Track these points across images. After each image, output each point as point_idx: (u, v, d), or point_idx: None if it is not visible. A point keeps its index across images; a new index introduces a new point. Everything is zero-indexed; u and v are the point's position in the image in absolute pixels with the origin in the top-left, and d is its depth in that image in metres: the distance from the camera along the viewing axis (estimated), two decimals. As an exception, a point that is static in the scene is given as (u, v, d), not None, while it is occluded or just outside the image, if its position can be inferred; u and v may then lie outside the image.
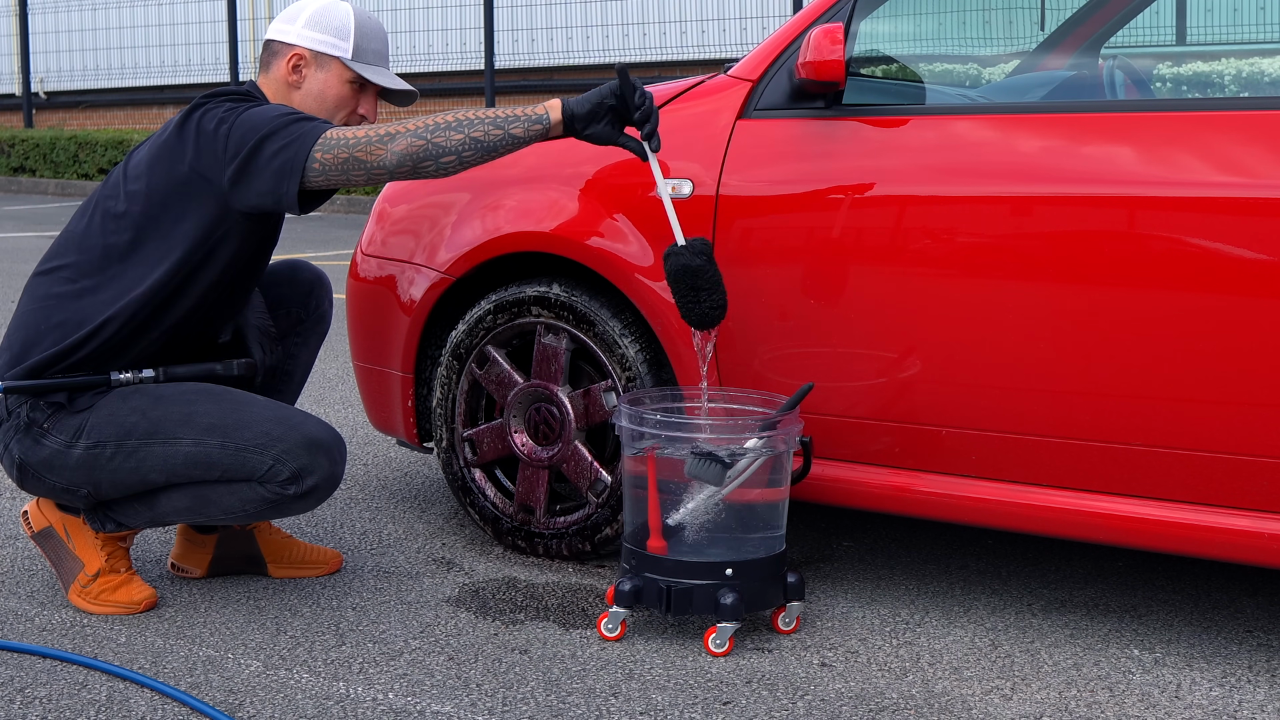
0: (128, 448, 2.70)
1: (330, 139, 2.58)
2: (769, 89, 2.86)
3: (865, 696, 2.44)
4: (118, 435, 2.69)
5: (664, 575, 2.63)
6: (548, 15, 14.51)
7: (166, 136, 2.72)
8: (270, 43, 2.85)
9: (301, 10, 2.84)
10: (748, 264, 2.83)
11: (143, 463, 2.70)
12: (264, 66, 2.86)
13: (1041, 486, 2.65)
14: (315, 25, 2.81)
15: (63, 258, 2.78)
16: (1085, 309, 2.54)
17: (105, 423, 2.70)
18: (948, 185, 2.67)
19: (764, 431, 2.61)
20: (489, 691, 2.45)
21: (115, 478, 2.72)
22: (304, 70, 2.81)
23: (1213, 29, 8.81)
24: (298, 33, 2.81)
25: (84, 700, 2.41)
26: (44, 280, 2.78)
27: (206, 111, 2.68)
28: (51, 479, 2.74)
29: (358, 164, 2.56)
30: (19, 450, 2.74)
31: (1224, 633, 2.73)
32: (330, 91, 2.82)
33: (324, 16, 2.82)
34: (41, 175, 15.01)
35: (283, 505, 2.70)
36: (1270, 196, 2.40)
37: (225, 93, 2.75)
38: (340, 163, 2.56)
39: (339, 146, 2.57)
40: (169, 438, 2.69)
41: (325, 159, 2.57)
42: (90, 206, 2.80)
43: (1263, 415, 2.44)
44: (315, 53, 2.80)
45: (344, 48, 2.81)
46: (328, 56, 2.81)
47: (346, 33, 2.81)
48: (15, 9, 17.16)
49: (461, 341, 3.16)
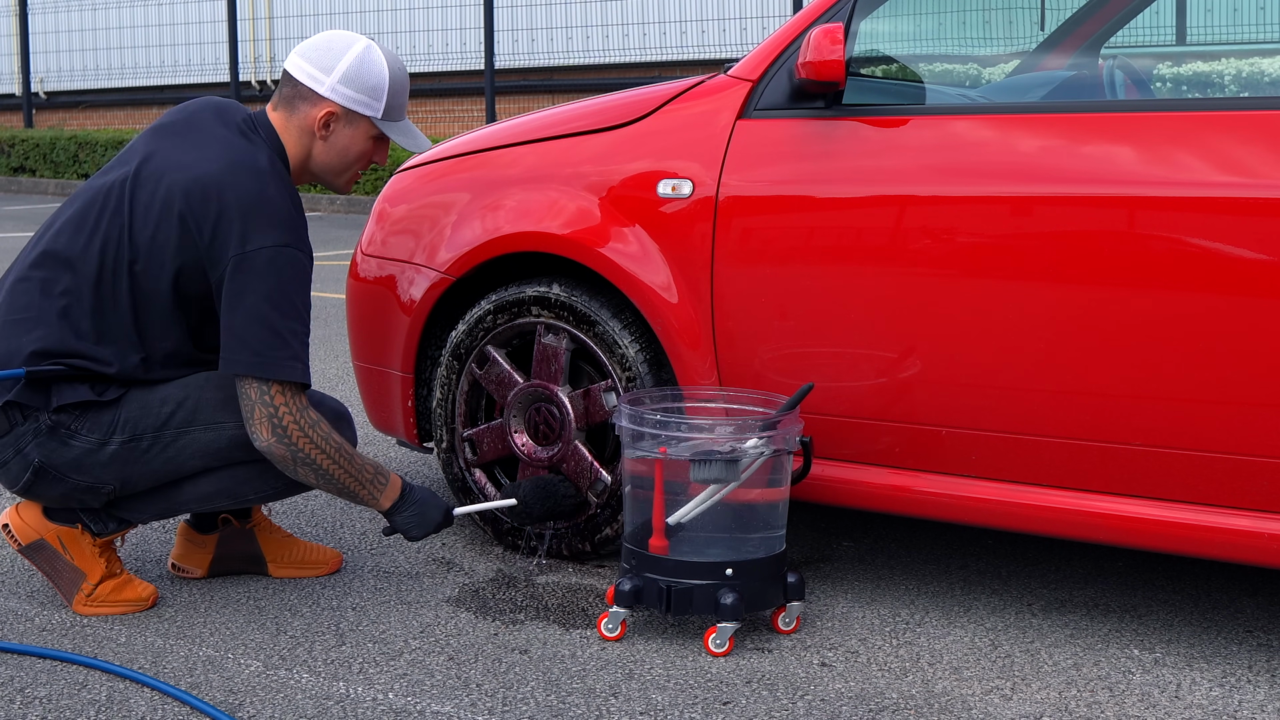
0: (166, 438, 2.70)
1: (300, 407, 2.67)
2: (769, 89, 2.86)
3: (865, 696, 2.44)
4: (155, 426, 2.70)
5: (664, 575, 2.63)
6: (548, 15, 14.52)
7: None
8: (298, 84, 2.79)
9: (336, 60, 2.78)
10: (748, 264, 2.83)
11: (182, 451, 2.71)
12: (287, 106, 2.81)
13: (1041, 486, 2.65)
14: (351, 83, 2.77)
15: (58, 272, 2.72)
16: (1085, 309, 2.54)
17: (140, 416, 2.69)
18: (948, 185, 2.67)
19: (764, 431, 2.61)
20: (489, 691, 2.45)
21: (150, 468, 2.72)
22: (333, 125, 2.80)
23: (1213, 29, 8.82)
24: (332, 86, 2.77)
25: (84, 700, 2.41)
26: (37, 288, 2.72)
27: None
28: (76, 478, 2.71)
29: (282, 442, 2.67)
30: (40, 454, 2.68)
31: (1224, 633, 2.73)
32: (354, 147, 2.84)
33: (361, 75, 2.78)
34: (41, 175, 15.01)
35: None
36: (1270, 196, 2.40)
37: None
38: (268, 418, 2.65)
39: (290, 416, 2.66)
40: (210, 423, 2.71)
41: (280, 402, 2.65)
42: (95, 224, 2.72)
43: (1263, 415, 2.44)
44: (347, 110, 2.80)
45: (376, 108, 2.80)
46: (359, 115, 2.81)
47: (381, 93, 2.79)
48: (15, 9, 17.17)
49: (461, 341, 3.16)
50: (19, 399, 2.66)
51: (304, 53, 2.81)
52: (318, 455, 2.69)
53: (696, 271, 2.87)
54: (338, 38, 2.81)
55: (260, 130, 2.79)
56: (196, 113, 2.82)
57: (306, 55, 2.80)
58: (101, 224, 2.71)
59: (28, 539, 2.80)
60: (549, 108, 3.37)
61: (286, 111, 2.81)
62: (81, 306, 2.68)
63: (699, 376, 2.90)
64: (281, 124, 2.81)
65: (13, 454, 2.69)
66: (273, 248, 2.63)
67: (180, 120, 2.81)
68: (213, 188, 2.64)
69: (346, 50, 2.79)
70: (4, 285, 2.78)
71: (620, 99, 3.12)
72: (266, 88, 16.57)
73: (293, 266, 2.65)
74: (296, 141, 2.81)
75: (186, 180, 2.66)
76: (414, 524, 2.84)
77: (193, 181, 2.65)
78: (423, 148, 2.87)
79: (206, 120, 2.78)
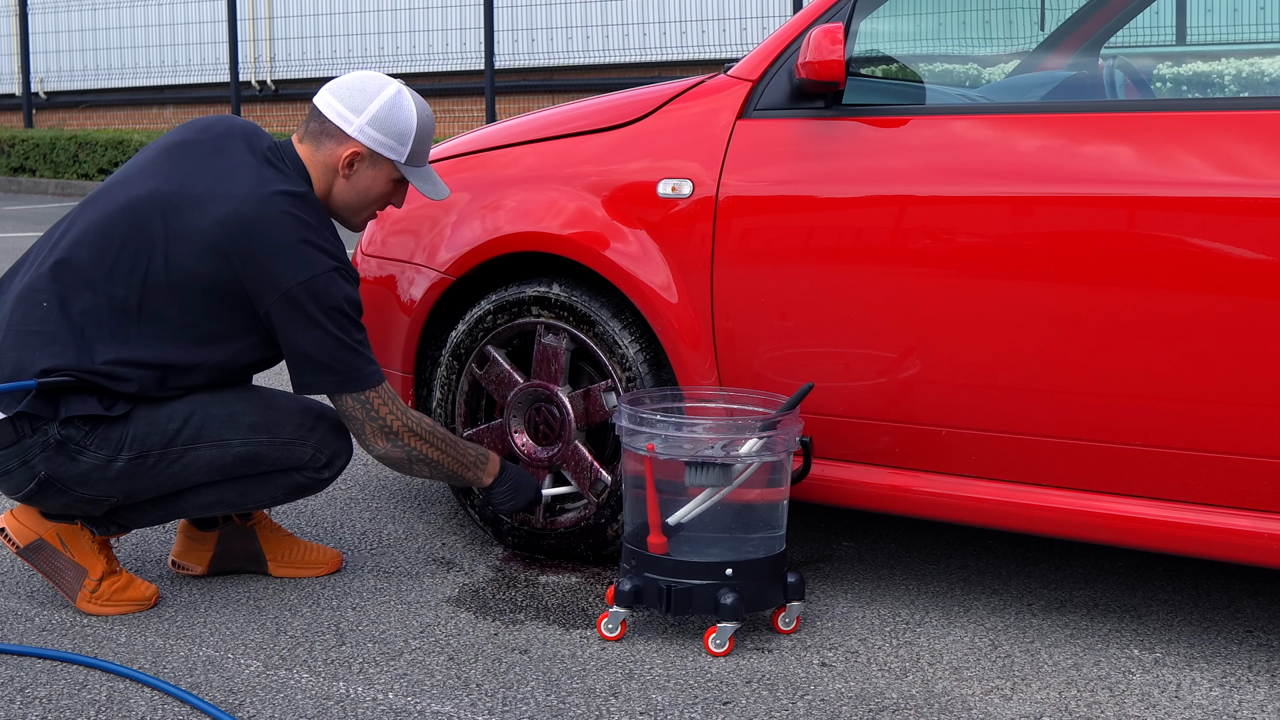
0: (172, 454, 2.72)
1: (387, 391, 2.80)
2: (769, 89, 2.86)
3: (865, 696, 2.44)
4: (161, 443, 2.71)
5: (664, 575, 2.63)
6: (548, 15, 14.52)
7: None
8: (326, 121, 2.80)
9: (367, 102, 2.79)
10: (747, 264, 2.83)
11: (188, 467, 2.73)
12: (313, 141, 2.82)
13: (1041, 486, 2.65)
14: (380, 127, 2.79)
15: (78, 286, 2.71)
16: (1085, 309, 2.54)
17: (147, 432, 2.69)
18: (947, 185, 2.67)
19: (764, 431, 2.61)
20: (489, 691, 2.45)
21: (155, 483, 2.73)
22: (357, 165, 2.82)
23: (1213, 29, 8.82)
24: (360, 128, 2.78)
25: (84, 700, 2.41)
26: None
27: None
28: (81, 491, 2.70)
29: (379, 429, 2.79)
30: (47, 467, 2.66)
31: (1224, 633, 2.73)
32: (375, 189, 2.86)
33: (390, 120, 2.79)
34: (41, 175, 15.01)
35: (313, 487, 2.87)
36: (1270, 196, 2.40)
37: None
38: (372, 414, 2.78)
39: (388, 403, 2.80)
40: (215, 441, 2.73)
41: (377, 399, 2.78)
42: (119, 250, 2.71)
43: (1263, 415, 2.44)
44: (373, 152, 2.81)
45: (401, 152, 2.82)
46: (383, 158, 2.82)
47: (408, 139, 2.81)
48: (15, 9, 17.17)
49: (461, 342, 3.16)
50: (28, 409, 2.64)
51: (336, 91, 2.82)
52: (428, 450, 2.85)
53: (696, 271, 2.87)
54: (371, 80, 2.83)
55: (287, 160, 2.80)
56: (224, 135, 2.80)
57: (338, 94, 2.81)
58: (129, 247, 2.69)
59: (26, 540, 2.80)
60: (549, 108, 3.37)
61: (312, 146, 2.83)
62: (101, 330, 2.67)
63: (699, 376, 2.90)
64: (307, 157, 2.82)
65: (18, 464, 2.68)
66: (325, 273, 2.68)
67: (208, 141, 2.79)
68: (252, 220, 2.65)
69: (378, 93, 2.80)
70: (13, 288, 2.76)
71: (620, 99, 3.12)
72: (266, 88, 16.58)
73: (345, 286, 2.72)
74: (320, 177, 2.83)
75: (224, 213, 2.66)
76: (509, 498, 2.99)
77: (230, 214, 2.66)
78: (442, 195, 2.90)
79: (235, 146, 2.77)
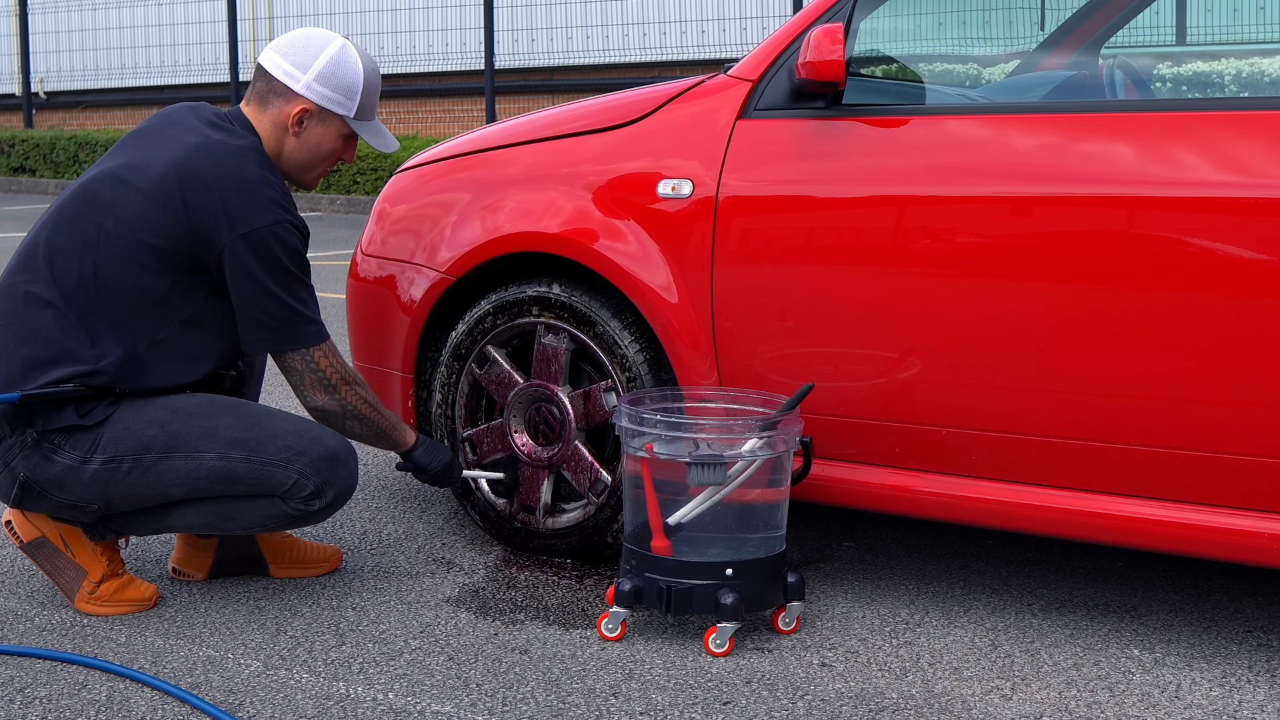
0: (146, 462, 2.68)
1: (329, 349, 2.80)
2: (769, 89, 2.86)
3: (865, 696, 2.44)
4: (135, 450, 2.68)
5: (664, 575, 2.63)
6: (548, 15, 14.52)
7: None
8: (273, 80, 2.80)
9: (313, 58, 2.79)
10: (747, 264, 2.83)
11: (162, 477, 2.69)
12: (260, 101, 2.82)
13: (1041, 486, 2.65)
14: (327, 82, 2.79)
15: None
16: (1085, 309, 2.54)
17: (121, 437, 2.67)
18: (948, 185, 2.67)
19: (764, 431, 2.61)
20: (489, 691, 2.45)
21: (131, 492, 2.70)
22: (307, 123, 2.82)
23: (1213, 29, 8.82)
24: (307, 84, 2.78)
25: (84, 700, 2.41)
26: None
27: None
28: (59, 496, 2.70)
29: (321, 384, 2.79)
30: (25, 467, 2.68)
31: (1224, 633, 2.73)
32: (325, 145, 2.86)
33: (336, 74, 2.79)
34: (41, 175, 15.02)
35: (303, 519, 2.76)
36: (1270, 196, 2.40)
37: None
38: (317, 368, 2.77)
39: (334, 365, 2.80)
40: (191, 452, 2.69)
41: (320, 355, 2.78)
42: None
43: (1263, 415, 2.44)
44: (321, 108, 2.81)
45: (350, 106, 2.82)
46: (332, 114, 2.82)
47: (355, 93, 2.81)
48: (15, 9, 17.17)
49: (461, 342, 3.16)
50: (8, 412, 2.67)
51: (280, 49, 2.83)
52: (362, 406, 2.83)
53: (696, 271, 2.87)
54: (315, 35, 2.83)
55: (235, 123, 2.80)
56: (171, 114, 2.84)
57: (283, 51, 2.82)
58: (80, 220, 2.71)
59: (30, 535, 2.80)
60: (549, 108, 3.37)
61: (259, 106, 2.83)
62: (69, 305, 2.68)
63: (699, 376, 2.90)
64: (255, 118, 2.83)
65: (1, 466, 2.70)
66: (268, 226, 2.66)
67: (156, 122, 2.83)
68: (198, 173, 2.66)
69: (323, 49, 2.80)
70: None
71: (620, 99, 3.12)
72: (266, 88, 16.56)
73: (290, 239, 2.70)
74: (269, 136, 2.82)
75: (168, 165, 2.68)
76: (428, 457, 2.99)
77: (176, 163, 2.67)
78: (391, 147, 2.90)
79: (181, 118, 2.80)
